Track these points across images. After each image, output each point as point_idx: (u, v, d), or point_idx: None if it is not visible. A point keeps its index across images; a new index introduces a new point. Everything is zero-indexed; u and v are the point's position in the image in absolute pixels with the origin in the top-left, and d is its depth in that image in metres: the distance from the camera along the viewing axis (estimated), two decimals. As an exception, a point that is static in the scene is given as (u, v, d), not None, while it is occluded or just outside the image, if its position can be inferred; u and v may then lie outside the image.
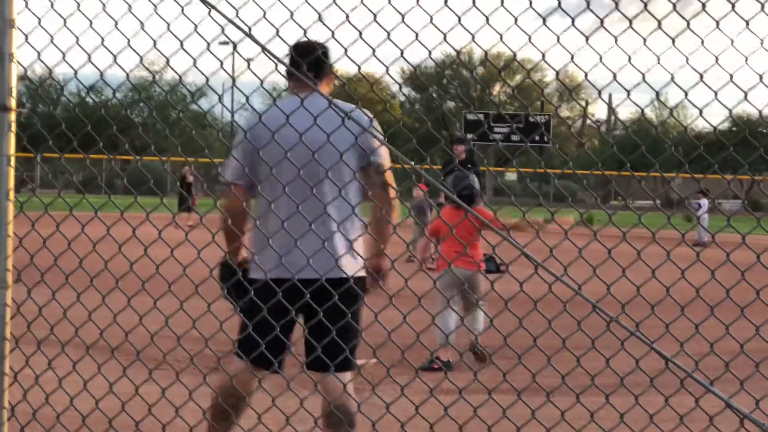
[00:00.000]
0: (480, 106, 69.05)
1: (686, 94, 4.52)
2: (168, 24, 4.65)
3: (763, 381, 4.38)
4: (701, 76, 4.45)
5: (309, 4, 4.57)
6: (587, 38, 4.43)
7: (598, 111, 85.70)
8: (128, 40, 4.68)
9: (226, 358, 5.40)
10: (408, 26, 4.49)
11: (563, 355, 4.56)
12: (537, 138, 53.11)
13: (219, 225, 5.13)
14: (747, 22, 4.31)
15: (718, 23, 4.36)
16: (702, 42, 4.41)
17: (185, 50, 4.64)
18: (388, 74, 4.53)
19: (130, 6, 4.62)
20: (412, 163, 4.53)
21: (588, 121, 77.67)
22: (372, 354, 5.19)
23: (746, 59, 4.34)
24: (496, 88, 75.57)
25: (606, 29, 4.44)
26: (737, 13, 4.29)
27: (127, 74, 4.70)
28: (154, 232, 4.65)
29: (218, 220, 5.08)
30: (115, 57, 4.64)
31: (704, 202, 29.83)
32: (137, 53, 4.65)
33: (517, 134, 51.59)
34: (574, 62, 4.47)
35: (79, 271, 4.73)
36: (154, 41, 4.62)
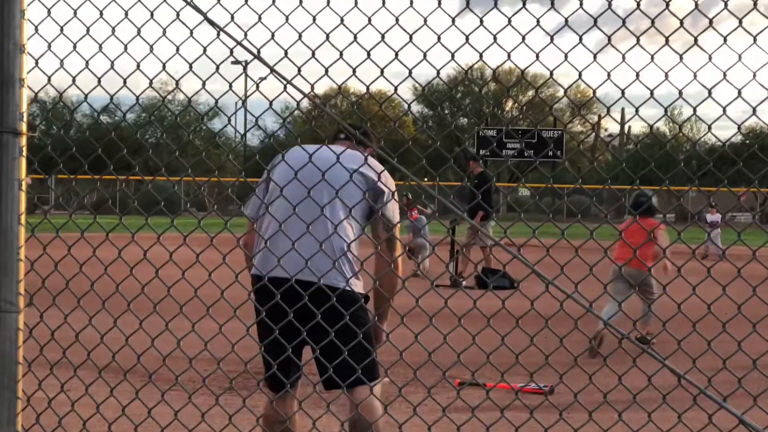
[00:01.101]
0: (493, 122, 69.08)
1: (695, 110, 4.52)
2: (177, 47, 4.68)
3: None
4: (709, 92, 4.44)
5: (317, 25, 4.59)
6: (595, 56, 4.44)
7: (612, 125, 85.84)
8: (138, 64, 4.71)
9: (239, 380, 5.40)
10: (416, 45, 4.51)
11: (575, 372, 4.55)
12: (549, 153, 53.06)
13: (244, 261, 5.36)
14: (755, 38, 4.31)
15: (725, 39, 4.36)
16: (710, 58, 4.41)
17: (194, 73, 4.67)
18: (396, 93, 4.55)
19: (139, 30, 4.64)
20: (424, 180, 4.53)
21: (601, 136, 77.59)
22: (384, 373, 5.19)
23: (754, 75, 4.34)
24: (509, 104, 75.69)
25: (614, 46, 4.45)
26: (744, 29, 4.29)
27: (137, 97, 4.72)
28: (167, 253, 4.67)
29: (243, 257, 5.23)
30: (124, 81, 4.67)
31: (714, 216, 29.85)
32: (146, 76, 4.68)
33: (526, 150, 51.65)
34: (582, 79, 4.48)
35: (92, 294, 4.74)
36: (164, 64, 4.65)
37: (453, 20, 4.51)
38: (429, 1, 4.57)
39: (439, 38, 4.50)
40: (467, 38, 4.47)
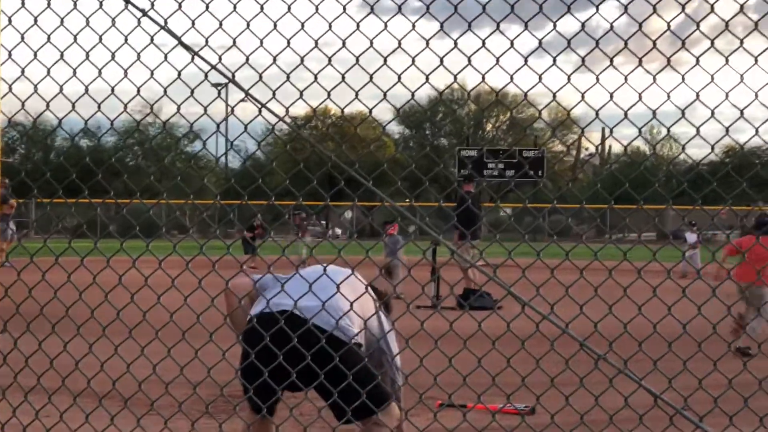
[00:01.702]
0: (474, 142, 69.21)
1: (668, 130, 4.56)
2: (152, 71, 4.68)
3: (751, 415, 4.37)
4: (683, 113, 4.47)
5: (291, 48, 4.59)
6: (569, 77, 4.46)
7: (593, 144, 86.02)
8: (112, 89, 4.70)
9: (215, 404, 5.37)
10: (390, 68, 4.52)
11: (553, 393, 4.55)
12: (531, 173, 53.13)
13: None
14: (726, 58, 4.34)
15: (698, 59, 4.39)
16: (683, 78, 4.44)
17: (169, 97, 4.66)
18: (371, 116, 4.55)
19: (113, 54, 4.64)
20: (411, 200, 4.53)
21: (581, 155, 77.76)
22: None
23: (726, 95, 4.37)
24: (489, 125, 75.85)
25: (587, 67, 4.47)
26: (717, 50, 4.33)
27: (111, 122, 4.71)
28: (144, 277, 4.65)
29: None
30: (99, 105, 4.67)
31: (691, 235, 29.90)
32: (121, 100, 4.67)
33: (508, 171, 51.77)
34: (556, 100, 4.50)
35: (67, 319, 4.72)
36: (138, 89, 4.64)
37: (427, 42, 4.52)
38: (404, 24, 4.57)
39: (413, 61, 4.52)
40: (441, 61, 4.49)
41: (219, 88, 4.80)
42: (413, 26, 4.51)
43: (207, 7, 4.60)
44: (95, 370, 4.78)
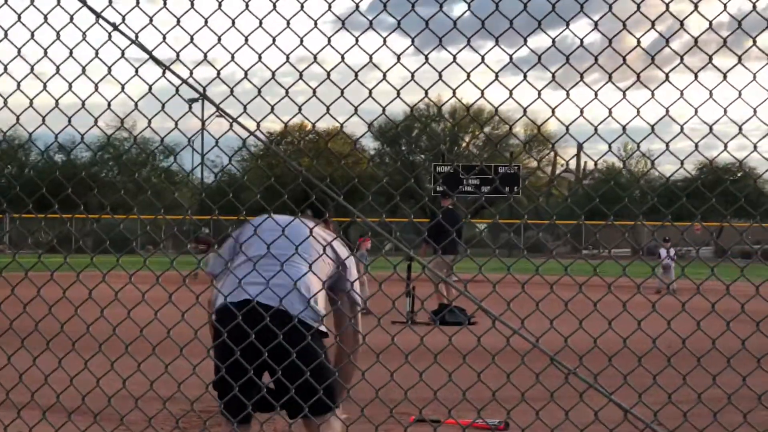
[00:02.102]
0: (450, 159, 69.39)
1: (638, 146, 4.57)
2: (122, 85, 4.66)
3: (720, 430, 4.39)
4: (652, 128, 4.50)
5: (263, 63, 4.59)
6: (539, 92, 4.48)
7: (563, 159, 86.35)
8: (83, 102, 4.69)
9: (186, 418, 5.35)
10: (361, 83, 4.53)
11: (524, 408, 4.55)
12: (507, 189, 53.32)
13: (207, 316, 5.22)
14: (696, 74, 4.38)
15: (667, 76, 4.43)
16: (652, 94, 4.47)
17: (140, 111, 4.65)
18: (342, 131, 4.56)
19: (84, 68, 4.63)
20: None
21: (558, 171, 78.04)
22: (360, 412, 5.14)
23: (696, 111, 4.40)
24: (466, 141, 76.02)
25: (557, 82, 4.49)
26: (686, 66, 4.36)
27: (82, 136, 4.69)
28: (115, 292, 4.63)
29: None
30: (69, 119, 4.65)
31: (662, 251, 30.01)
32: (91, 114, 4.66)
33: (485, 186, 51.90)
34: (526, 115, 4.52)
35: (36, 333, 4.69)
36: (109, 102, 4.63)
37: (398, 57, 4.54)
38: (376, 40, 4.59)
39: (384, 76, 4.53)
40: (413, 75, 4.51)
41: (189, 101, 4.78)
42: (384, 41, 4.52)
43: (178, 21, 4.60)
44: (65, 385, 4.75)
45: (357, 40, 4.52)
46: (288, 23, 4.52)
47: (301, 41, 4.51)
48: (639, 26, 4.39)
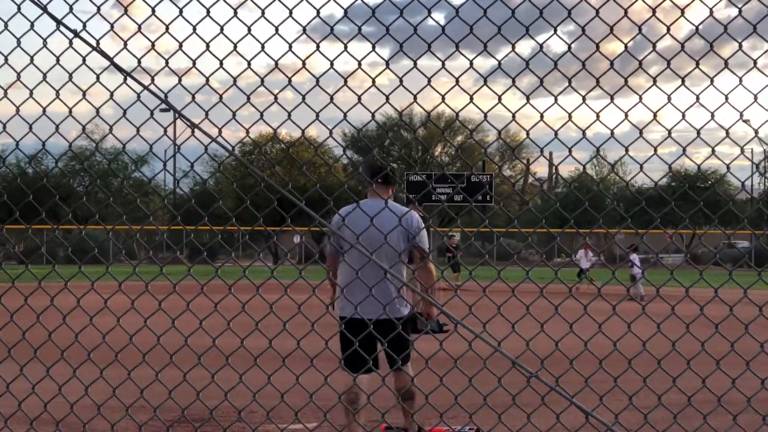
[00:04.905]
0: (423, 167, 69.52)
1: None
2: (84, 92, 4.66)
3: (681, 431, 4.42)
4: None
5: (224, 69, 4.60)
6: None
7: (541, 169, 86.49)
8: (44, 109, 4.67)
9: (148, 425, 5.31)
10: (322, 88, 4.55)
11: (484, 412, 4.56)
12: (480, 197, 53.42)
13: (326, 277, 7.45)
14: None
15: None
16: (611, 98, 4.51)
17: (101, 118, 4.64)
18: (304, 137, 4.57)
19: (44, 75, 4.61)
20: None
21: (530, 179, 78.28)
22: (323, 416, 5.16)
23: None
24: (438, 149, 76.12)
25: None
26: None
27: (43, 143, 4.67)
28: (80, 298, 4.61)
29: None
30: (30, 126, 4.63)
31: (635, 257, 30.04)
32: (53, 121, 4.64)
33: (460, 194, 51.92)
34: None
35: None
36: (70, 109, 4.62)
37: (359, 63, 4.55)
38: (357, 50, 4.59)
39: (345, 81, 4.54)
40: (373, 81, 4.52)
41: (152, 109, 4.77)
42: (346, 47, 4.53)
43: (139, 28, 4.60)
44: (27, 393, 4.73)
45: (318, 46, 4.53)
46: (249, 29, 4.52)
47: (263, 47, 4.52)
48: (609, 39, 4.43)
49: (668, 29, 4.45)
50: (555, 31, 4.53)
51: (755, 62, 4.48)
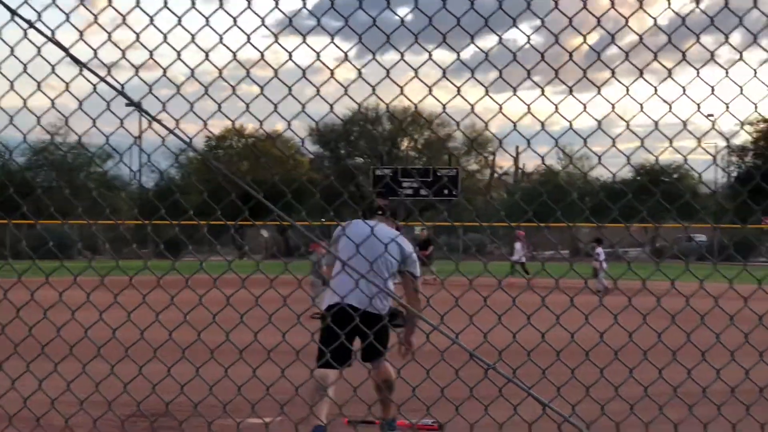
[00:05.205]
0: (389, 161, 69.39)
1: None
2: (39, 83, 4.61)
3: (638, 422, 4.44)
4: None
5: (181, 60, 4.56)
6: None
7: (506, 163, 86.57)
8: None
9: (104, 419, 5.28)
10: (281, 81, 4.52)
11: (442, 405, 4.56)
12: (445, 192, 53.43)
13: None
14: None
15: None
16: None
17: (57, 109, 4.60)
18: (263, 129, 4.56)
19: (-2, 66, 4.57)
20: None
21: (495, 174, 78.37)
22: (280, 409, 5.13)
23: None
24: (404, 144, 76.00)
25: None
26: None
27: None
28: (33, 291, 4.56)
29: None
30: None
31: (600, 251, 30.07)
32: (8, 114, 4.59)
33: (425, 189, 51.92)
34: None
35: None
36: (24, 100, 4.57)
37: (318, 54, 4.54)
38: (322, 42, 4.58)
39: (304, 73, 4.52)
40: (333, 73, 4.51)
41: (108, 101, 4.72)
42: (304, 38, 4.52)
43: (96, 18, 4.56)
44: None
45: (276, 38, 4.50)
46: (207, 20, 4.49)
47: (221, 39, 4.50)
48: (572, 35, 4.44)
49: (626, 21, 4.48)
50: (514, 22, 4.53)
51: (712, 54, 4.50)
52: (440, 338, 4.41)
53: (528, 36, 4.56)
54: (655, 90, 4.47)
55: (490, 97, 4.48)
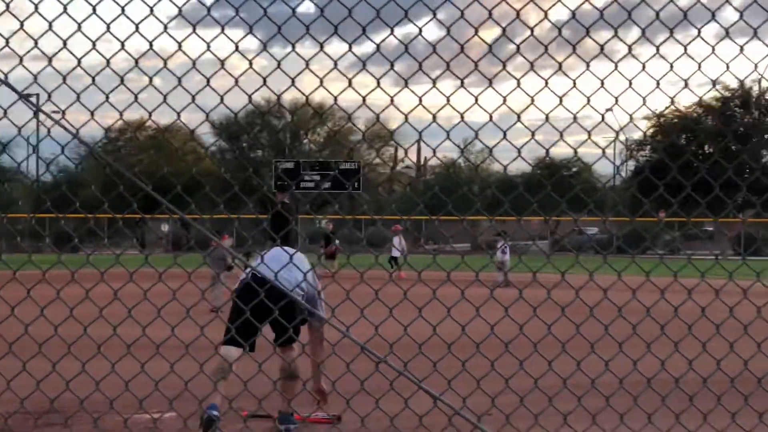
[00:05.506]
0: (291, 155, 69.11)
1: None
2: None
3: (527, 414, 4.48)
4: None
5: (68, 50, 4.47)
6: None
7: (411, 157, 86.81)
8: None
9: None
10: (171, 71, 4.45)
11: (333, 399, 4.54)
12: (347, 186, 53.45)
13: None
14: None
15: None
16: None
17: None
18: (181, 122, 4.47)
19: None
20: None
21: (398, 167, 78.57)
22: (168, 404, 5.05)
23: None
24: (308, 137, 75.77)
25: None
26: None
27: None
28: None
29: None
30: None
31: (502, 244, 30.37)
32: None
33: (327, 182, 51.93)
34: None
35: None
36: None
37: (208, 45, 4.48)
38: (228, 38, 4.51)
39: (194, 64, 4.46)
40: (222, 64, 4.46)
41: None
42: (194, 28, 4.45)
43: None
44: None
45: (165, 27, 4.43)
46: (94, 9, 4.40)
47: (108, 28, 4.41)
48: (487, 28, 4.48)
49: (518, 14, 4.50)
50: (406, 14, 4.54)
51: (602, 48, 4.55)
52: (332, 332, 4.39)
53: (420, 28, 4.56)
54: (546, 83, 4.53)
55: (382, 89, 4.47)
